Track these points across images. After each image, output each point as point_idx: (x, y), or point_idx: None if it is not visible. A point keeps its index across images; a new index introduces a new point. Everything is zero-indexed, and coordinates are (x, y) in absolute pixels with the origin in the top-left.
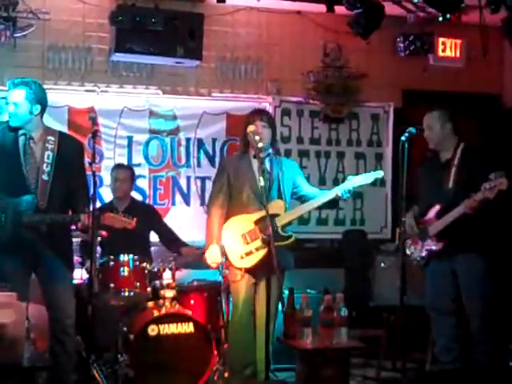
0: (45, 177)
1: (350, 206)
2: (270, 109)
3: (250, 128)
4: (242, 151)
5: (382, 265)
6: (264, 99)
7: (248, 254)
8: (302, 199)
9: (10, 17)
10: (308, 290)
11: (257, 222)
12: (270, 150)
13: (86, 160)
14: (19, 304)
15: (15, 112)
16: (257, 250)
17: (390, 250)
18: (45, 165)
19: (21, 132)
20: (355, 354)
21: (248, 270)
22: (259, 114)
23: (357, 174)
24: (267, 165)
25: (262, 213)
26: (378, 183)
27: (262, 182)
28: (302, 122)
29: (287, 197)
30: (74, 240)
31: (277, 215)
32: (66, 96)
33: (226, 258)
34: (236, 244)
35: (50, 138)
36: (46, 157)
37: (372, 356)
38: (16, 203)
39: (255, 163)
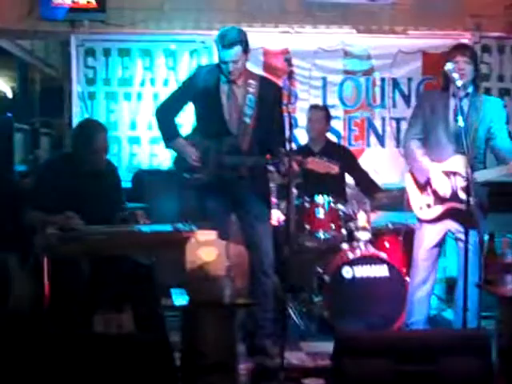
0: (246, 119)
1: None
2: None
3: (449, 65)
4: (441, 88)
5: None
6: (462, 36)
7: (428, 206)
8: (494, 154)
9: None
10: (509, 235)
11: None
12: (471, 89)
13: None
14: (220, 242)
15: (234, 69)
16: (436, 204)
17: None
18: (246, 108)
19: (224, 77)
20: None
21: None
22: (461, 49)
23: None
24: (465, 105)
25: (451, 163)
26: None
27: (456, 124)
28: (503, 58)
29: (481, 146)
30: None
31: (456, 173)
32: (260, 38)
33: None
34: (416, 192)
35: (251, 81)
36: (247, 100)
37: None
38: (218, 144)
39: (453, 102)
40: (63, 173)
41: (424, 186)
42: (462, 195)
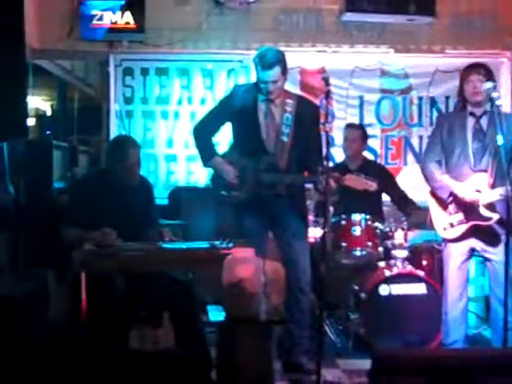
0: (284, 138)
1: None
2: (508, 64)
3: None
4: (459, 108)
5: None
6: (500, 55)
7: (451, 225)
8: None
9: None
10: None
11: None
12: (489, 107)
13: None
14: (256, 259)
15: (274, 89)
16: (458, 224)
17: None
18: (283, 127)
19: (262, 96)
20: None
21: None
22: (475, 67)
23: None
24: (484, 124)
25: (470, 183)
26: None
27: (473, 144)
28: None
29: (503, 164)
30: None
31: (478, 191)
32: (298, 57)
33: None
34: (439, 212)
35: (288, 100)
36: (284, 119)
37: None
38: (256, 162)
39: (470, 121)
40: (98, 189)
41: (447, 203)
42: (485, 212)
